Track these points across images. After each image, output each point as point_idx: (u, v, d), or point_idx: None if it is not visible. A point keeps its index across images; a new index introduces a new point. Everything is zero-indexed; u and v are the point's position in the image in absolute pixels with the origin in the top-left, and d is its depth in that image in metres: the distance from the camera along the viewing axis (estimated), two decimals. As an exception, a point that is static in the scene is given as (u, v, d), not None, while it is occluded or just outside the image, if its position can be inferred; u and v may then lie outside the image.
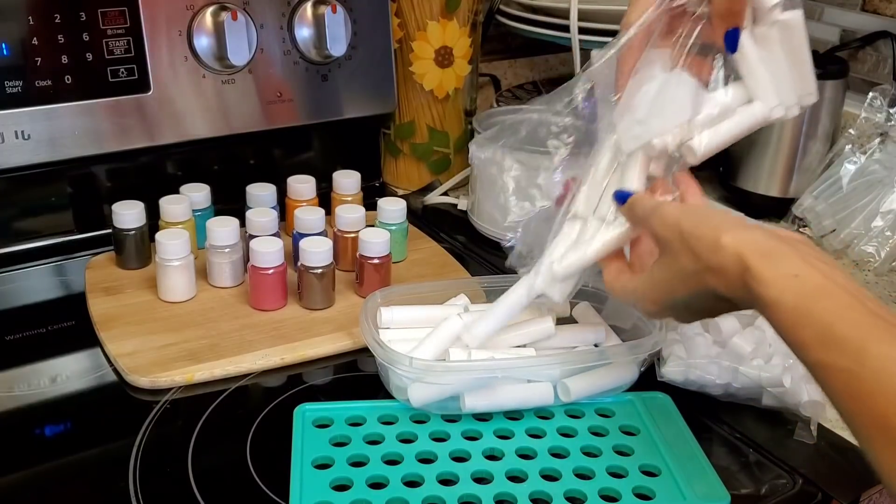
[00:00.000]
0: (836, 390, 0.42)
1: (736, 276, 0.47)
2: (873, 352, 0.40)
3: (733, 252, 0.48)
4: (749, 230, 0.49)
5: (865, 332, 0.41)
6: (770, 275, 0.46)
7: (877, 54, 1.07)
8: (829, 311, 0.43)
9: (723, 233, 0.49)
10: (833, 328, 0.42)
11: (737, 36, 0.58)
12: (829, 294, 0.44)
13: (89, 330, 0.75)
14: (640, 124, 0.60)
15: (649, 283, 0.56)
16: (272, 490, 0.57)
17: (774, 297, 0.45)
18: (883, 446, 0.39)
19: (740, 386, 0.66)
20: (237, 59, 0.86)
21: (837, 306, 0.43)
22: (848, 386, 0.41)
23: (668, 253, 0.53)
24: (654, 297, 0.56)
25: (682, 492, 0.58)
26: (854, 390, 0.40)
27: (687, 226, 0.51)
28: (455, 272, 0.86)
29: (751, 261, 0.46)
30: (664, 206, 0.55)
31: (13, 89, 0.79)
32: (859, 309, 0.43)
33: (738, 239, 0.48)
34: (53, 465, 0.60)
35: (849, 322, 0.42)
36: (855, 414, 0.41)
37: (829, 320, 0.43)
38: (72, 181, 0.89)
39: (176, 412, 0.66)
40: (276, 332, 0.74)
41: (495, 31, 1.13)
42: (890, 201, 0.93)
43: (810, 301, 0.44)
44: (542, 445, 0.62)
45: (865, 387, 0.40)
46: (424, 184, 1.06)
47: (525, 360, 0.64)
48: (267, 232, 0.81)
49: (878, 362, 0.40)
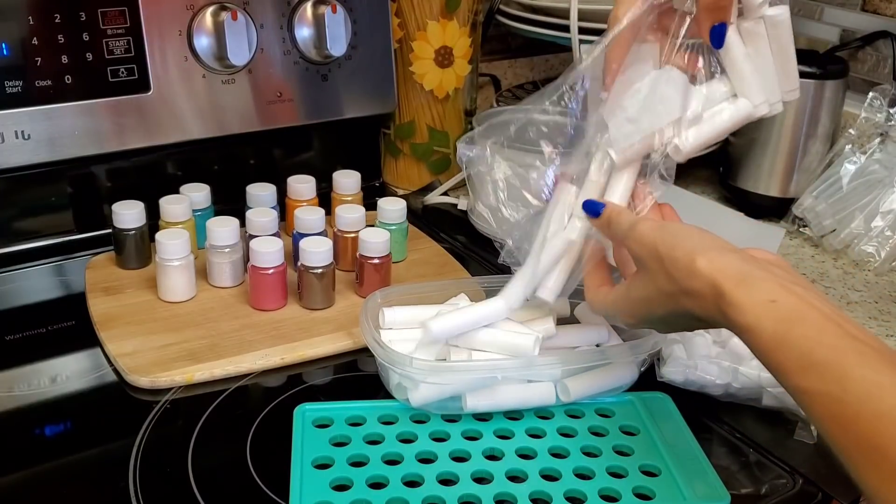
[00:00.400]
0: (818, 414, 0.42)
1: (711, 301, 0.48)
2: (854, 376, 0.41)
3: (708, 277, 0.48)
4: (724, 254, 0.49)
5: (844, 356, 0.42)
6: (746, 301, 0.46)
7: (877, 54, 1.07)
8: (807, 336, 0.43)
9: (698, 256, 0.49)
10: (812, 354, 0.42)
11: (723, 31, 0.58)
12: (806, 318, 0.44)
13: (89, 330, 0.75)
14: (631, 122, 0.60)
15: (627, 298, 0.57)
16: (272, 490, 0.57)
17: (751, 323, 0.45)
18: (868, 469, 0.39)
19: (740, 386, 0.66)
20: (237, 59, 0.86)
21: (815, 331, 0.43)
22: (830, 410, 0.41)
23: (646, 271, 0.54)
24: (632, 311, 0.57)
25: (682, 492, 0.58)
26: (837, 414, 0.41)
27: (663, 248, 0.52)
28: (455, 272, 0.86)
29: (725, 287, 0.47)
30: (641, 225, 0.55)
31: (13, 89, 0.79)
32: (837, 332, 0.43)
33: (713, 264, 0.48)
34: (53, 465, 0.60)
35: (827, 346, 0.42)
36: (839, 437, 0.41)
37: (808, 346, 0.43)
38: (72, 181, 0.89)
39: (176, 412, 0.66)
40: (276, 332, 0.74)
41: (495, 31, 1.13)
42: (890, 201, 0.93)
43: (788, 326, 0.44)
44: (542, 445, 0.62)
45: (849, 411, 0.40)
46: (424, 184, 1.06)
47: (525, 360, 0.64)
48: (267, 232, 0.81)
49: (859, 386, 0.40)
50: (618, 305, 0.58)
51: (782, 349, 0.44)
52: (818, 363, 0.42)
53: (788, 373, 0.43)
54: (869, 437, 0.39)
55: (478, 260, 0.91)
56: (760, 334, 0.45)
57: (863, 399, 0.40)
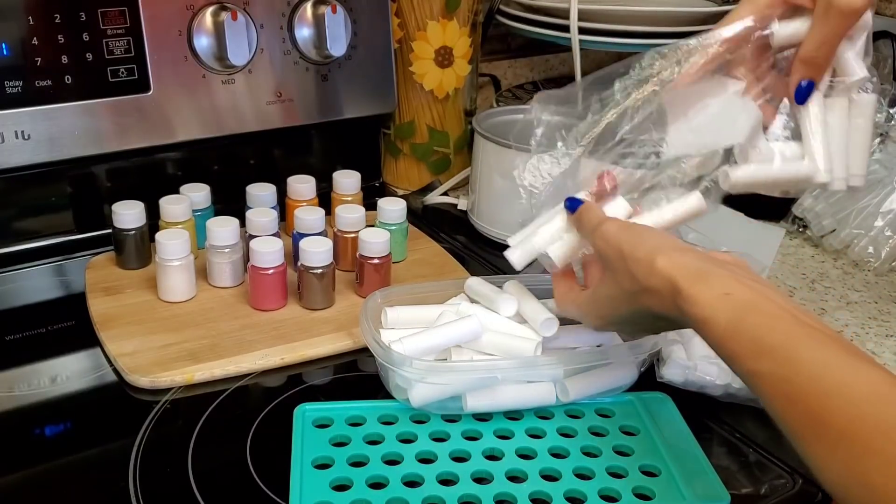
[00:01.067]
0: (769, 394, 0.44)
1: (669, 297, 0.50)
2: (804, 357, 0.43)
3: (666, 275, 0.50)
4: (683, 253, 0.51)
5: (796, 340, 0.44)
6: (702, 296, 0.48)
7: (877, 54, 1.07)
8: (759, 324, 0.45)
9: (657, 255, 0.51)
10: (764, 339, 0.44)
11: (810, 89, 0.59)
12: (759, 308, 0.46)
13: (89, 330, 0.75)
14: (693, 133, 0.60)
15: (593, 299, 0.59)
16: (272, 490, 0.57)
17: (707, 315, 0.47)
18: (814, 442, 0.42)
19: (740, 386, 0.66)
20: (237, 59, 0.86)
21: (768, 318, 0.45)
22: (781, 390, 0.43)
23: (610, 271, 0.56)
24: (599, 312, 0.59)
25: (682, 492, 0.58)
26: (787, 393, 0.43)
27: (626, 247, 0.54)
28: (455, 272, 0.86)
29: (682, 283, 0.49)
30: (607, 224, 0.57)
31: (13, 89, 0.79)
32: (789, 320, 0.45)
33: (672, 262, 0.50)
34: (53, 465, 0.60)
35: (780, 332, 0.44)
36: (788, 415, 0.43)
37: (761, 332, 0.45)
38: (72, 181, 0.89)
39: (176, 412, 0.66)
40: (276, 332, 0.74)
41: (495, 31, 1.13)
42: (890, 201, 0.93)
43: (742, 315, 0.46)
44: (542, 445, 0.62)
45: (798, 390, 0.42)
46: (424, 184, 1.06)
47: (525, 361, 0.64)
48: (267, 232, 0.81)
49: (809, 367, 0.42)
50: (583, 307, 0.60)
51: (736, 337, 0.46)
52: (770, 347, 0.44)
53: (741, 358, 0.45)
54: (816, 413, 0.41)
55: (478, 260, 0.91)
56: (715, 325, 0.47)
57: (812, 378, 0.42)
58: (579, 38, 0.97)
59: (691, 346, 0.68)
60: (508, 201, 0.90)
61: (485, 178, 0.92)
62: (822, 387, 0.42)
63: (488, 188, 0.91)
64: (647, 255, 0.52)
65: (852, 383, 0.41)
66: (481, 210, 0.94)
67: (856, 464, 0.39)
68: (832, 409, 0.41)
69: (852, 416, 0.40)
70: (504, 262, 0.86)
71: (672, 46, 0.61)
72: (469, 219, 0.97)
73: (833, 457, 0.41)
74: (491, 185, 0.91)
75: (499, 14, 1.07)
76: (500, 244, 0.93)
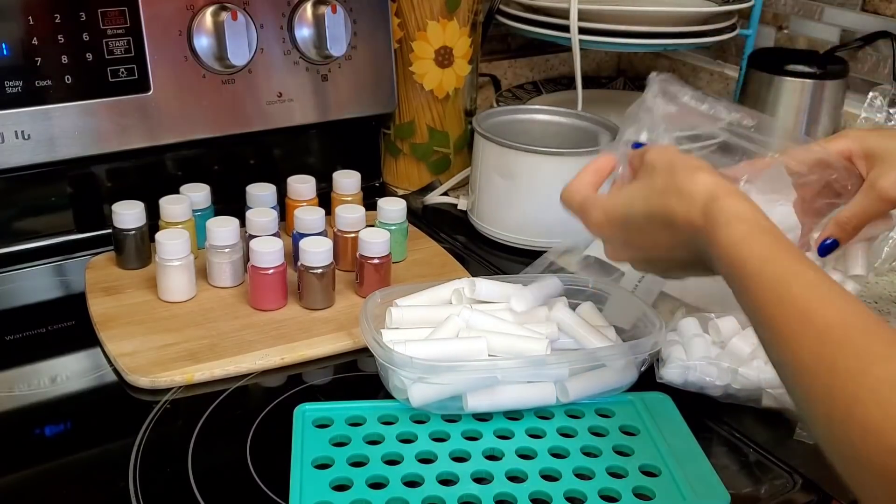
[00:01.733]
0: (761, 298, 0.48)
1: (700, 203, 0.53)
2: (798, 269, 0.48)
3: (708, 183, 0.54)
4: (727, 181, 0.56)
5: (800, 261, 0.48)
6: (732, 206, 0.52)
7: (877, 54, 1.07)
8: (768, 243, 0.50)
9: (706, 171, 0.55)
10: (772, 252, 0.49)
11: (833, 247, 0.68)
12: (775, 233, 0.50)
13: (89, 330, 0.75)
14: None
15: (612, 196, 0.62)
16: (272, 490, 0.57)
17: (731, 217, 0.51)
18: (799, 336, 0.45)
19: (740, 387, 0.66)
20: (237, 59, 0.86)
21: (776, 241, 0.50)
22: (774, 293, 0.47)
23: (647, 174, 0.58)
24: (609, 207, 0.61)
25: (681, 492, 0.58)
26: (781, 296, 0.47)
27: (678, 158, 0.57)
28: (455, 272, 0.86)
29: (720, 192, 0.53)
30: (672, 147, 0.61)
31: (13, 89, 0.79)
32: (795, 251, 0.50)
33: (716, 179, 0.54)
34: (53, 465, 0.60)
35: (787, 248, 0.49)
36: (776, 312, 0.47)
37: (769, 252, 0.49)
38: (72, 181, 0.89)
39: (176, 412, 0.66)
40: (276, 332, 0.74)
41: (495, 31, 1.13)
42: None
43: (760, 230, 0.50)
44: (542, 445, 0.62)
45: (785, 289, 0.47)
46: (424, 184, 1.06)
47: (525, 361, 0.64)
48: (267, 232, 0.81)
49: (803, 277, 0.47)
50: (595, 200, 0.62)
51: (750, 244, 0.50)
52: (776, 258, 0.49)
53: (747, 263, 0.49)
54: (800, 305, 0.45)
55: (478, 260, 0.91)
56: (735, 229, 0.50)
57: (806, 285, 0.46)
58: (579, 38, 0.97)
59: (691, 347, 0.68)
60: (508, 201, 0.90)
61: (485, 178, 0.92)
62: (816, 293, 0.46)
63: (488, 188, 0.91)
64: (696, 167, 0.55)
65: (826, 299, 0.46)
66: (481, 210, 0.94)
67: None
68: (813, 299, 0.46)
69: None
70: (504, 262, 0.87)
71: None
72: (469, 219, 0.97)
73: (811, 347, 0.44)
74: (491, 185, 0.91)
75: (499, 14, 1.07)
76: (500, 244, 0.93)
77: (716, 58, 1.26)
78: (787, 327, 0.45)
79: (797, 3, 1.14)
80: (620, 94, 1.25)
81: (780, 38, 1.17)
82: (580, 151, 0.89)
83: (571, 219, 0.66)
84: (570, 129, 0.97)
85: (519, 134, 0.93)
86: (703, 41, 1.01)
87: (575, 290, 0.75)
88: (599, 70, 1.37)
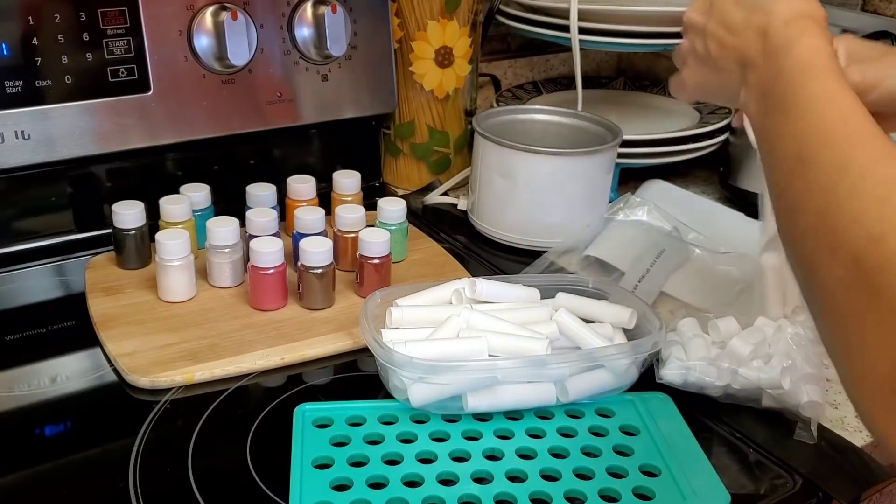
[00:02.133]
0: (782, 122, 0.50)
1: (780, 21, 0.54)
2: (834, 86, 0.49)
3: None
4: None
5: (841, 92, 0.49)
6: (809, 28, 0.54)
7: (877, 54, 1.07)
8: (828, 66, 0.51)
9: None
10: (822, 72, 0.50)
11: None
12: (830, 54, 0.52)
13: (89, 330, 0.75)
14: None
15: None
16: (272, 490, 0.57)
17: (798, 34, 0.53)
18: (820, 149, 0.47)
19: (739, 387, 0.66)
20: (237, 59, 0.86)
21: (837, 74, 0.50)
22: (799, 114, 0.49)
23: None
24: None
25: (682, 492, 0.58)
26: (797, 113, 0.49)
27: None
28: (455, 272, 0.86)
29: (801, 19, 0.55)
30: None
31: (13, 89, 0.79)
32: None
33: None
34: (53, 465, 0.60)
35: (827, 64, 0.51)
36: (800, 135, 0.48)
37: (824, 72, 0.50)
38: (72, 181, 0.89)
39: (176, 412, 0.66)
40: (276, 332, 0.74)
41: (495, 31, 1.13)
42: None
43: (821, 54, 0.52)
44: (542, 445, 0.62)
45: (812, 115, 0.48)
46: (424, 184, 1.06)
47: (525, 361, 0.64)
48: (267, 232, 0.81)
49: (838, 93, 0.48)
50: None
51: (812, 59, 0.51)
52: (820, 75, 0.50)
53: (793, 75, 0.51)
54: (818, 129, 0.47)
55: (478, 260, 0.91)
56: (796, 42, 0.52)
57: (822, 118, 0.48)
58: (579, 38, 0.97)
59: (691, 348, 0.68)
60: (508, 201, 0.90)
61: (485, 178, 0.92)
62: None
63: (488, 188, 0.91)
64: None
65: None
66: (481, 210, 0.94)
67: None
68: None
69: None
70: (504, 262, 0.87)
71: None
72: (469, 219, 0.97)
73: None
74: (491, 185, 0.91)
75: (499, 14, 1.07)
76: (500, 244, 0.93)
77: (716, 58, 1.25)
78: (826, 125, 0.47)
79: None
80: (620, 94, 1.25)
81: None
82: (580, 151, 0.89)
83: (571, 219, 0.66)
84: (570, 129, 0.97)
85: (519, 134, 0.93)
86: (703, 41, 1.01)
87: (575, 290, 0.75)
88: (599, 70, 1.37)
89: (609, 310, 0.72)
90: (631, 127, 1.02)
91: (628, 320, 0.70)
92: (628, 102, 1.21)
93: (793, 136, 0.48)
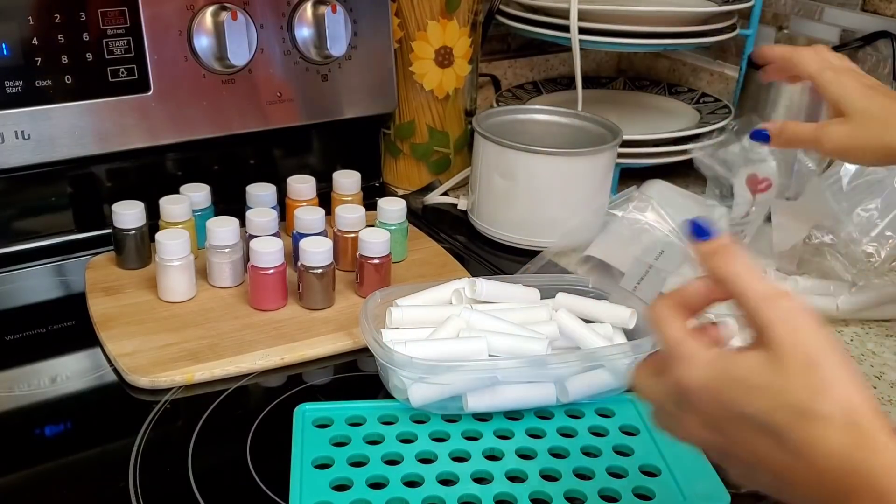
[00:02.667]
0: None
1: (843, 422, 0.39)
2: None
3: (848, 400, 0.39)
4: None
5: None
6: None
7: (877, 54, 1.07)
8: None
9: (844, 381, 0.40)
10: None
11: (762, 137, 0.73)
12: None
13: (89, 330, 0.75)
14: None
15: (724, 368, 0.44)
16: (272, 490, 0.57)
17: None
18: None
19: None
20: (237, 59, 0.86)
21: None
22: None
23: (771, 352, 0.41)
24: (715, 374, 0.44)
25: (682, 492, 0.58)
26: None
27: (821, 350, 0.40)
28: (455, 272, 0.86)
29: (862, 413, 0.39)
30: (787, 296, 0.43)
31: (13, 89, 0.79)
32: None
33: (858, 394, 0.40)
34: (53, 465, 0.60)
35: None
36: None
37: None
38: (72, 181, 0.89)
39: (176, 412, 0.66)
40: (276, 332, 0.74)
41: (495, 31, 1.13)
42: (890, 202, 0.93)
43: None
44: (542, 445, 0.62)
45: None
46: (424, 184, 1.06)
47: (525, 361, 0.64)
48: (267, 232, 0.81)
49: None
50: (699, 353, 0.45)
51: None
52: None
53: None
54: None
55: (478, 260, 0.91)
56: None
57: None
58: (579, 38, 0.97)
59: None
60: (508, 201, 0.90)
61: (485, 178, 0.92)
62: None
63: (488, 188, 0.91)
64: (839, 376, 0.40)
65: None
66: (481, 210, 0.94)
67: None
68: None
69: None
70: (504, 262, 0.87)
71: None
72: (469, 219, 0.97)
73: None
74: (491, 185, 0.91)
75: (499, 14, 1.07)
76: (500, 244, 0.93)
77: (716, 58, 1.26)
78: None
79: (797, 3, 1.14)
80: (620, 94, 1.25)
81: (780, 38, 1.17)
82: (580, 152, 0.89)
83: (571, 219, 0.66)
84: (570, 129, 0.97)
85: (519, 134, 0.93)
86: (703, 41, 1.01)
87: (575, 290, 0.75)
88: (599, 70, 1.37)
89: (609, 310, 0.72)
90: (631, 127, 1.02)
91: (628, 320, 0.70)
92: (628, 102, 1.21)
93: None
